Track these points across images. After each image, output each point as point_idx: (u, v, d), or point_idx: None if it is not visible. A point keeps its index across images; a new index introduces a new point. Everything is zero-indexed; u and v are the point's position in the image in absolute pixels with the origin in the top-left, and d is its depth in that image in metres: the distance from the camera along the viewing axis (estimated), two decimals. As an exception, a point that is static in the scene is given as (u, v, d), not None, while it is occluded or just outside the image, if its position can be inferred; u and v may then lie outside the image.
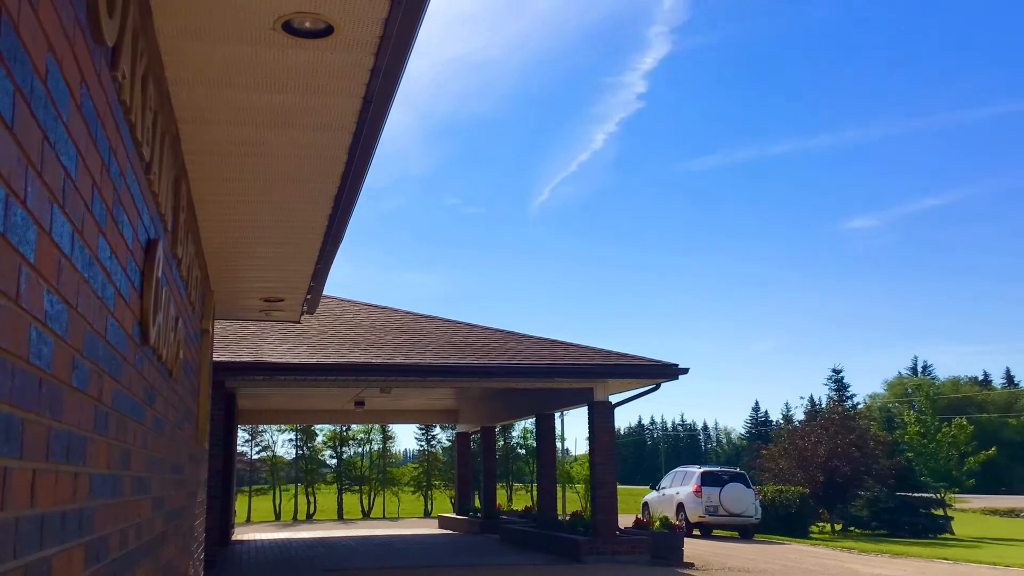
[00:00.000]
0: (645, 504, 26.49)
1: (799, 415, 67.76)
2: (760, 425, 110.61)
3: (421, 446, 49.59)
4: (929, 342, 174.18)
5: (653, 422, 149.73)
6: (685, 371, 15.62)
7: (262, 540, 21.42)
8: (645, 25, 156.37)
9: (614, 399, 16.12)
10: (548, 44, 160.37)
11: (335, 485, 45.39)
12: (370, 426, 44.59)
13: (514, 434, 47.97)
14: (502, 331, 17.62)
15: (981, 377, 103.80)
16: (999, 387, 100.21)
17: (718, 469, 25.29)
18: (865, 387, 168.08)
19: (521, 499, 44.93)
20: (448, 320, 18.43)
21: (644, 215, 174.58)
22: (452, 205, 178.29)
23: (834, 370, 62.68)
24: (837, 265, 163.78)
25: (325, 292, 9.66)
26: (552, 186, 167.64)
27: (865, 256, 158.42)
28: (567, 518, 18.00)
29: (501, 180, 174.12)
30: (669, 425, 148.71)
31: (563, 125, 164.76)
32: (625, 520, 18.29)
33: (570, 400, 16.93)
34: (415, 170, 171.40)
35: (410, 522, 32.03)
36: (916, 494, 30.02)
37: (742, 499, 23.29)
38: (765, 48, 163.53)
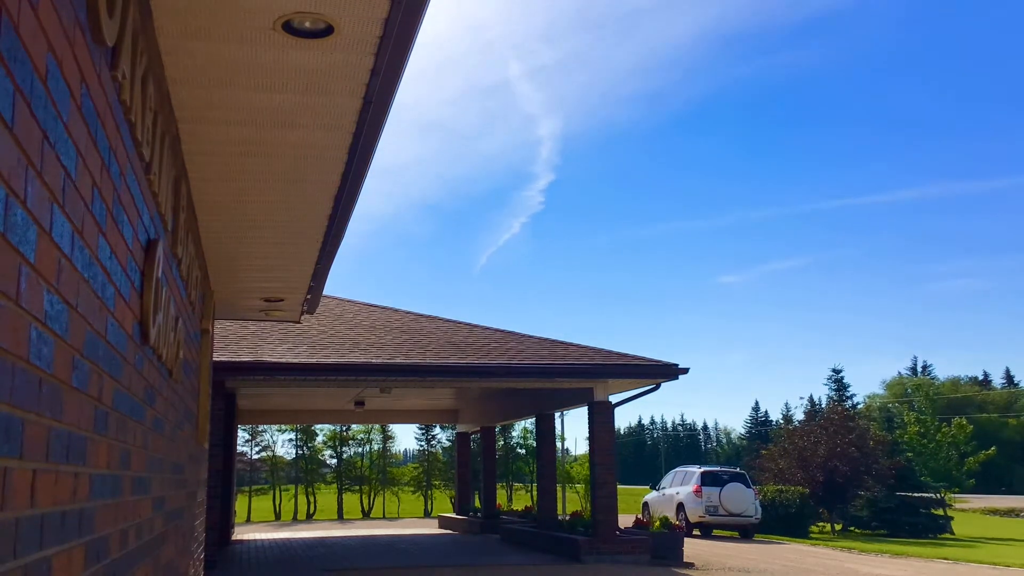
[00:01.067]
0: (645, 504, 26.49)
1: (799, 415, 67.86)
2: (760, 425, 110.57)
3: (421, 446, 49.58)
4: (929, 342, 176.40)
5: (653, 422, 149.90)
6: (685, 371, 15.62)
7: (262, 540, 21.42)
8: (531, 164, 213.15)
9: (614, 399, 16.12)
10: (465, 171, 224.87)
11: (335, 485, 45.32)
12: (370, 426, 44.54)
13: (514, 434, 47.95)
14: (502, 331, 17.61)
15: (981, 377, 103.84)
16: (999, 387, 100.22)
17: (718, 469, 25.29)
18: (865, 387, 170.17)
19: (521, 499, 44.91)
20: (448, 320, 18.40)
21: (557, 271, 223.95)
22: (424, 262, 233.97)
23: (834, 370, 62.57)
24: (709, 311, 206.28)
25: (325, 292, 9.66)
26: (488, 254, 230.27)
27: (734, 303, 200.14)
28: (567, 518, 18.00)
29: (450, 251, 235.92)
30: (669, 425, 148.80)
31: (488, 216, 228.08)
32: (625, 520, 18.30)
33: (570, 400, 16.93)
34: (408, 236, 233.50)
35: (410, 522, 32.03)
36: (916, 494, 30.01)
37: (742, 499, 23.29)
38: (633, 172, 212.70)
